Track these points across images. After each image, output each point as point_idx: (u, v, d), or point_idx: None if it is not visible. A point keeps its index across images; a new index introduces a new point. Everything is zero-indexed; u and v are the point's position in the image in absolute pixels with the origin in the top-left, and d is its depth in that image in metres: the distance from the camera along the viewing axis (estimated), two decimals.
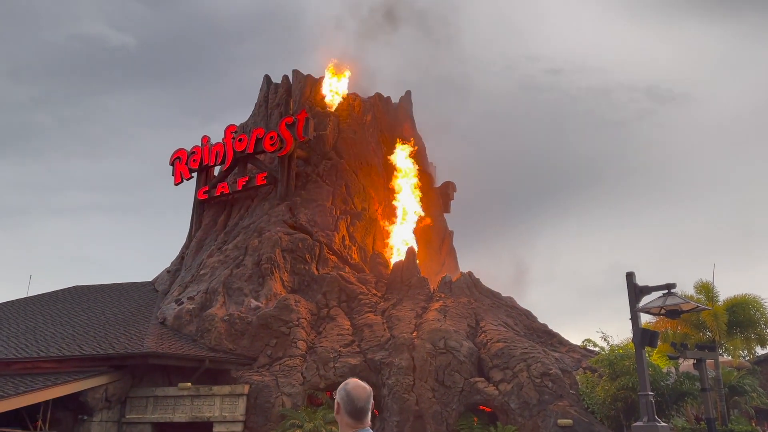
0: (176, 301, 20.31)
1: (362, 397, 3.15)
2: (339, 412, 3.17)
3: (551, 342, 19.62)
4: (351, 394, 3.15)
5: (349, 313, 19.79)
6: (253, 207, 24.24)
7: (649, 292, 10.77)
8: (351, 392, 3.16)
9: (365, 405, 3.15)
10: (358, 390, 3.17)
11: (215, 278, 20.55)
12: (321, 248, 21.85)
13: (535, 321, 20.49)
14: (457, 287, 20.55)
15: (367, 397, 3.18)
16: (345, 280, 20.62)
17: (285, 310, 18.77)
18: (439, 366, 16.79)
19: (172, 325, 19.21)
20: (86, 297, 23.51)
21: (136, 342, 17.34)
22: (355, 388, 3.18)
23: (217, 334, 18.33)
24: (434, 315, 18.60)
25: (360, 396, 3.15)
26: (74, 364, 16.43)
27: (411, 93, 29.87)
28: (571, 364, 17.72)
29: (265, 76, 28.38)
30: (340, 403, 3.17)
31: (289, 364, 17.45)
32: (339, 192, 23.88)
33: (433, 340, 17.23)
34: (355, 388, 3.18)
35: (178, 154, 25.69)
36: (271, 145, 23.52)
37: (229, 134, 25.09)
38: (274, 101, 27.29)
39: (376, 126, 27.49)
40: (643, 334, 10.53)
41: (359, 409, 3.13)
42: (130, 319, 20.10)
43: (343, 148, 25.14)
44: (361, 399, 3.15)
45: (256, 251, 21.00)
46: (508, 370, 16.60)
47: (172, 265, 24.44)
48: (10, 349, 18.00)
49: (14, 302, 23.90)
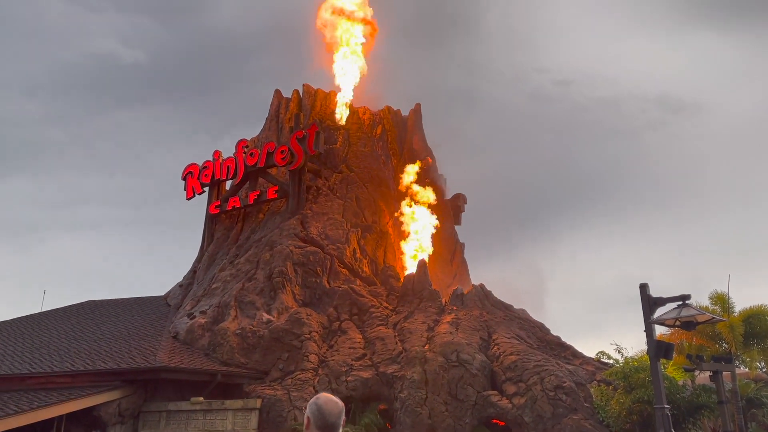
0: (188, 315, 20.38)
1: (333, 412, 3.07)
2: (308, 427, 3.08)
3: (565, 354, 19.45)
4: (322, 409, 3.06)
5: (361, 326, 19.76)
6: (265, 221, 24.34)
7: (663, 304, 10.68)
8: (322, 407, 3.07)
9: (336, 420, 3.07)
10: (329, 404, 3.09)
11: (227, 292, 20.61)
12: (332, 261, 21.87)
13: (548, 333, 20.33)
14: (469, 300, 20.47)
15: (339, 413, 3.09)
16: (356, 293, 20.61)
17: (297, 323, 18.77)
18: (452, 379, 16.70)
19: (185, 339, 19.26)
20: (99, 312, 23.65)
21: (148, 356, 17.39)
22: (326, 402, 3.10)
23: (230, 348, 18.35)
24: (446, 328, 18.52)
25: (331, 411, 3.07)
26: (88, 379, 16.49)
27: (421, 105, 29.97)
28: (585, 376, 17.56)
29: (276, 90, 28.60)
30: (310, 417, 3.08)
31: (301, 378, 17.42)
32: (350, 205, 23.93)
33: (445, 353, 17.15)
34: (327, 402, 3.10)
35: (190, 169, 25.89)
36: (282, 159, 23.65)
37: (240, 149, 25.26)
38: (285, 115, 27.48)
39: (386, 139, 27.58)
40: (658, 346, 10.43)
41: (330, 425, 3.05)
42: (143, 333, 20.18)
43: (353, 161, 25.24)
44: (333, 414, 3.06)
45: (268, 265, 21.06)
46: (521, 383, 16.47)
47: (185, 280, 24.54)
48: (24, 364, 18.11)
49: (29, 317, 24.07)
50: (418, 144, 28.66)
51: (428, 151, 28.81)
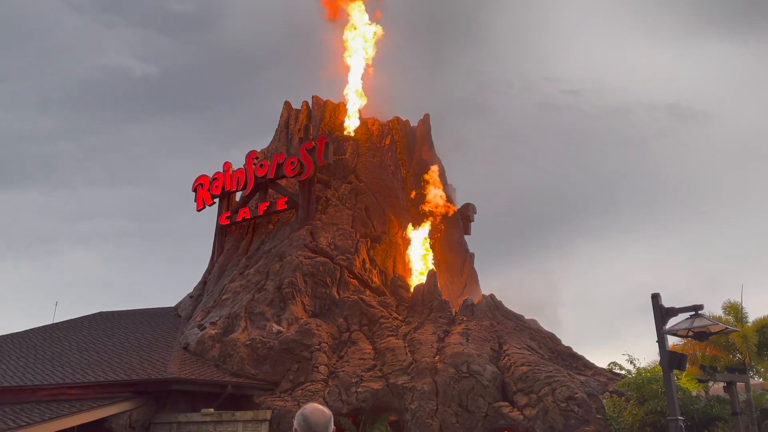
0: (199, 327, 20.42)
1: (320, 422, 2.97)
2: None
3: (576, 365, 19.30)
4: (309, 419, 2.96)
5: (371, 336, 19.71)
6: (275, 231, 24.41)
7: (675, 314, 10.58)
8: (309, 417, 2.97)
9: (324, 431, 2.97)
10: (315, 414, 2.99)
11: (237, 303, 20.65)
12: (342, 272, 21.87)
13: (560, 344, 20.20)
14: (479, 310, 20.39)
15: (326, 423, 2.99)
16: (366, 303, 20.59)
17: (306, 334, 18.76)
18: (463, 390, 16.61)
19: (195, 350, 19.29)
20: (110, 323, 23.75)
21: (159, 367, 17.43)
22: (313, 412, 3.00)
23: (240, 359, 18.36)
24: (456, 338, 18.45)
25: (318, 421, 2.97)
26: (99, 390, 16.55)
27: (429, 116, 30.02)
28: (597, 387, 17.40)
29: (286, 102, 28.76)
30: (297, 429, 2.99)
31: (311, 389, 17.39)
32: (359, 215, 23.96)
33: (455, 364, 17.07)
34: (313, 412, 3.00)
35: (200, 180, 26.04)
36: (292, 170, 23.75)
37: (250, 160, 25.40)
38: (295, 127, 27.62)
39: (395, 149, 27.64)
40: (671, 356, 10.33)
41: None
42: (154, 344, 20.23)
43: (362, 172, 25.29)
44: (320, 424, 2.96)
45: (278, 275, 21.09)
46: (532, 395, 16.35)
47: (195, 291, 24.61)
48: (36, 376, 18.19)
49: (40, 329, 24.20)
50: (427, 154, 28.69)
51: (437, 161, 28.83)
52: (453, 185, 29.06)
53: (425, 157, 28.44)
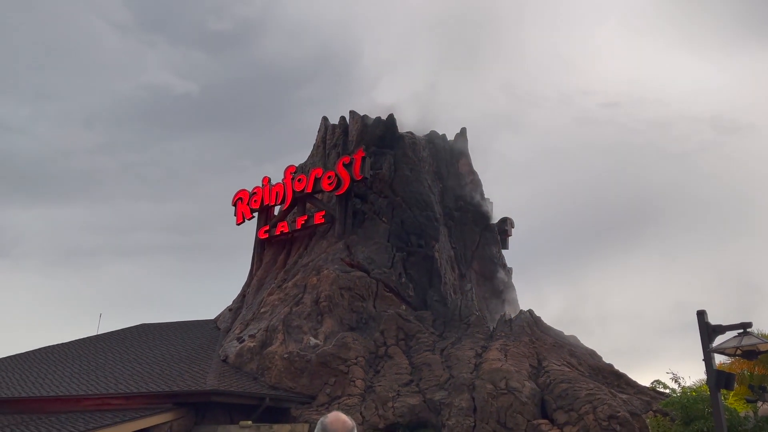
0: (237, 339, 20.67)
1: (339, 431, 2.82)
2: None
3: (618, 383, 18.85)
4: (328, 429, 2.82)
5: (407, 351, 19.63)
6: (312, 245, 24.62)
7: (722, 332, 10.26)
8: (328, 426, 2.82)
9: None
10: (335, 425, 2.83)
11: (275, 316, 20.84)
12: (378, 286, 21.90)
13: (600, 361, 19.78)
14: (518, 325, 20.13)
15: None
16: (403, 317, 20.54)
17: (343, 348, 18.81)
18: (501, 407, 16.38)
19: (234, 362, 19.52)
20: (152, 335, 24.24)
21: (199, 379, 17.69)
22: (333, 422, 2.84)
23: (278, 372, 18.50)
24: (495, 354, 18.23)
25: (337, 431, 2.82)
26: (141, 401, 16.87)
27: (466, 130, 29.98)
28: (640, 406, 16.95)
29: (323, 117, 29.12)
30: None
31: (347, 403, 17.38)
32: (395, 229, 24.00)
33: (493, 381, 16.87)
34: (334, 422, 2.84)
35: (239, 195, 26.50)
36: (329, 185, 23.97)
37: (288, 175, 25.75)
38: (332, 141, 27.90)
39: (432, 163, 27.64)
40: (719, 376, 10.01)
41: None
42: (194, 356, 20.55)
43: (399, 186, 25.34)
44: None
45: (315, 289, 21.24)
46: (573, 412, 16.02)
47: (234, 303, 24.96)
48: (81, 386, 18.66)
49: (85, 339, 24.86)
50: (464, 168, 28.61)
51: (474, 175, 28.72)
52: (490, 199, 28.89)
53: (462, 171, 28.36)
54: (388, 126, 26.85)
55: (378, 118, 27.94)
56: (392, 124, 26.98)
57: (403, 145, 26.49)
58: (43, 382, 19.77)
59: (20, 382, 20.21)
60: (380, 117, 27.77)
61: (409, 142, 26.83)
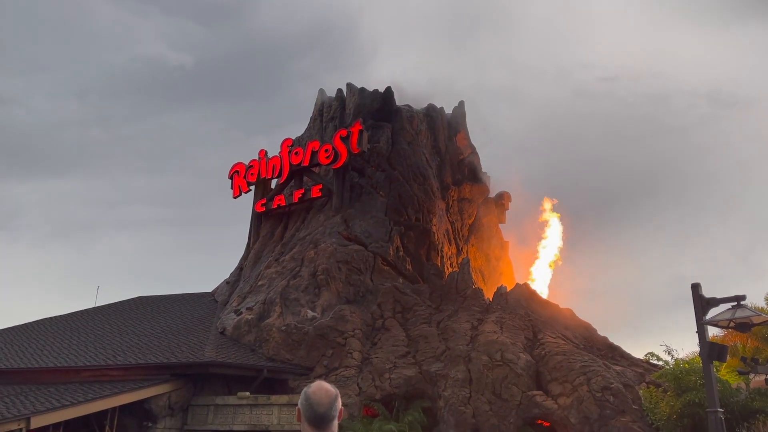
0: (235, 312, 20.79)
1: (323, 402, 2.72)
2: (300, 419, 2.77)
3: (612, 355, 19.05)
4: (311, 399, 2.72)
5: (404, 324, 19.78)
6: (309, 219, 24.62)
7: (716, 305, 10.33)
8: (311, 396, 2.73)
9: (327, 411, 2.71)
10: (319, 393, 2.74)
11: (273, 289, 20.93)
12: (375, 259, 21.97)
13: (595, 333, 19.95)
14: (513, 299, 20.25)
15: (330, 402, 2.73)
16: (400, 291, 20.65)
17: (341, 320, 18.93)
18: (496, 379, 16.57)
19: (232, 334, 19.66)
20: (150, 307, 24.36)
21: (197, 351, 17.82)
22: (316, 391, 2.75)
23: (275, 344, 18.64)
24: (490, 327, 18.38)
25: (320, 401, 2.72)
26: (140, 372, 17.02)
27: (464, 103, 29.79)
28: (634, 378, 17.15)
29: (320, 90, 28.90)
30: (300, 408, 2.75)
31: (345, 375, 17.56)
32: (393, 203, 23.98)
33: (489, 353, 17.04)
34: (317, 391, 2.75)
35: (236, 168, 26.40)
36: (326, 158, 23.87)
37: (285, 148, 25.62)
38: (329, 114, 27.72)
39: (430, 136, 27.52)
40: (711, 347, 10.10)
41: (319, 416, 2.70)
42: (191, 328, 20.69)
43: (396, 159, 25.27)
44: (322, 404, 2.71)
45: (312, 262, 21.29)
46: (567, 384, 16.22)
47: (231, 276, 25.04)
48: (80, 357, 18.81)
49: (83, 312, 24.98)
50: (462, 142, 28.50)
51: (472, 148, 28.63)
52: (488, 173, 28.86)
53: (460, 145, 28.26)
54: (385, 99, 26.64)
55: (375, 91, 27.74)
56: (390, 97, 26.76)
57: (401, 119, 26.33)
58: (42, 353, 19.92)
59: (19, 353, 20.35)
60: (378, 90, 27.56)
61: (407, 116, 26.66)
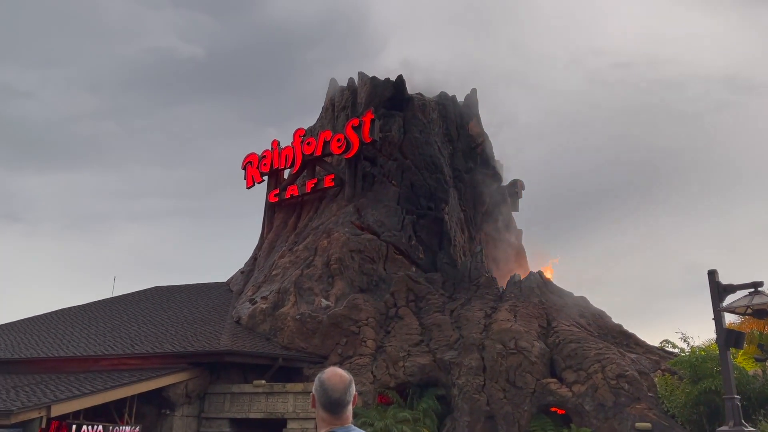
0: (250, 301, 20.95)
1: (338, 387, 2.70)
2: (314, 405, 2.75)
3: (627, 343, 19.01)
4: (325, 384, 2.71)
5: (417, 312, 19.84)
6: (322, 208, 24.68)
7: (733, 291, 10.25)
8: (325, 382, 2.71)
9: (342, 396, 2.69)
10: (333, 379, 2.72)
11: (287, 278, 21.05)
12: (388, 248, 22.00)
13: (609, 321, 19.91)
14: (527, 287, 20.23)
15: (344, 388, 2.71)
16: (413, 279, 20.69)
17: (354, 309, 19.02)
18: (510, 366, 16.60)
19: (247, 323, 19.83)
20: (166, 297, 24.60)
21: (213, 340, 18.00)
22: (330, 377, 2.73)
23: (290, 332, 18.78)
24: (504, 315, 18.39)
25: (335, 386, 2.70)
26: (157, 361, 17.24)
27: (476, 91, 29.60)
28: (649, 365, 17.12)
29: (331, 79, 28.82)
30: (314, 394, 2.74)
31: (359, 363, 17.67)
32: (405, 192, 23.97)
33: (503, 341, 17.06)
34: (331, 377, 2.73)
35: (249, 159, 26.49)
36: (338, 148, 23.88)
37: (297, 138, 25.65)
38: (341, 104, 27.68)
39: (442, 124, 27.41)
40: (728, 334, 10.05)
41: (334, 401, 2.68)
42: (207, 317, 20.88)
43: (408, 148, 25.20)
44: (337, 390, 2.69)
45: (326, 252, 21.38)
46: (581, 371, 16.22)
47: (246, 266, 25.20)
48: (98, 346, 19.06)
49: (101, 302, 25.28)
50: (475, 129, 28.36)
51: (484, 136, 28.48)
52: (501, 161, 28.73)
53: (472, 132, 28.13)
54: (397, 87, 26.53)
55: (387, 80, 27.63)
56: (401, 85, 26.64)
57: (413, 107, 26.23)
58: (61, 343, 20.21)
59: (39, 343, 20.67)
60: (389, 78, 27.46)
61: (419, 104, 26.56)
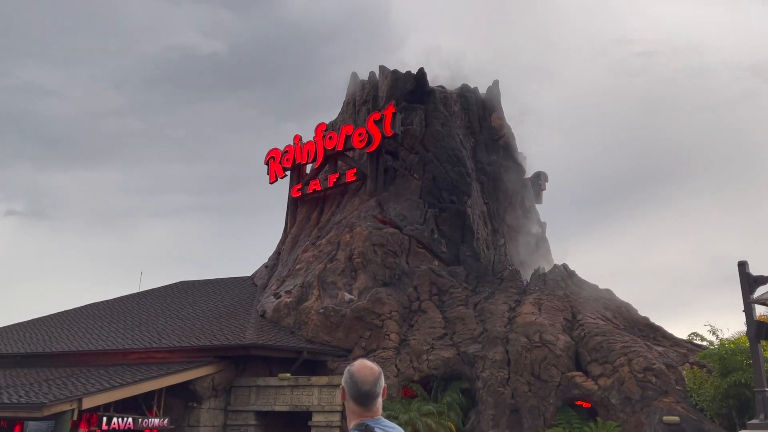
0: (274, 295, 21.13)
1: (368, 379, 2.67)
2: (344, 398, 2.73)
3: (654, 336, 18.78)
4: (355, 377, 2.69)
5: (440, 306, 19.82)
6: (344, 203, 24.75)
7: (764, 282, 10.09)
8: (355, 374, 2.69)
9: (372, 389, 2.67)
10: (363, 371, 2.70)
11: (310, 272, 21.18)
12: (410, 242, 21.99)
13: (636, 314, 19.67)
14: (551, 279, 20.07)
15: (374, 380, 2.68)
16: (435, 273, 20.66)
17: (377, 303, 19.07)
18: (535, 360, 16.51)
19: (271, 317, 20.01)
20: (192, 291, 24.93)
21: (238, 334, 18.20)
22: (360, 369, 2.71)
23: (314, 326, 18.91)
24: (528, 308, 18.28)
25: (365, 378, 2.68)
26: (184, 355, 17.48)
27: (498, 83, 29.36)
28: (676, 358, 16.90)
29: (352, 73, 28.81)
30: (344, 387, 2.72)
31: (383, 356, 17.73)
32: (427, 185, 23.91)
33: (527, 334, 16.96)
34: (361, 369, 2.71)
35: (272, 154, 26.66)
36: (360, 142, 23.90)
37: (319, 132, 25.74)
38: (362, 98, 27.67)
39: (464, 117, 27.25)
40: (759, 326, 9.89)
41: (364, 394, 2.66)
42: (232, 312, 21.12)
43: (430, 141, 25.12)
44: (367, 382, 2.67)
45: (348, 246, 21.45)
46: (607, 365, 16.07)
47: (270, 261, 25.41)
48: (126, 340, 19.40)
49: (128, 296, 25.72)
50: (497, 122, 28.15)
51: (507, 128, 28.26)
52: (523, 153, 28.50)
53: (495, 125, 27.93)
54: (418, 80, 26.43)
55: (408, 73, 27.55)
56: (423, 78, 26.54)
57: (434, 100, 26.13)
58: (91, 337, 20.61)
59: (69, 337, 21.10)
60: (410, 71, 27.39)
61: (440, 97, 26.44)
